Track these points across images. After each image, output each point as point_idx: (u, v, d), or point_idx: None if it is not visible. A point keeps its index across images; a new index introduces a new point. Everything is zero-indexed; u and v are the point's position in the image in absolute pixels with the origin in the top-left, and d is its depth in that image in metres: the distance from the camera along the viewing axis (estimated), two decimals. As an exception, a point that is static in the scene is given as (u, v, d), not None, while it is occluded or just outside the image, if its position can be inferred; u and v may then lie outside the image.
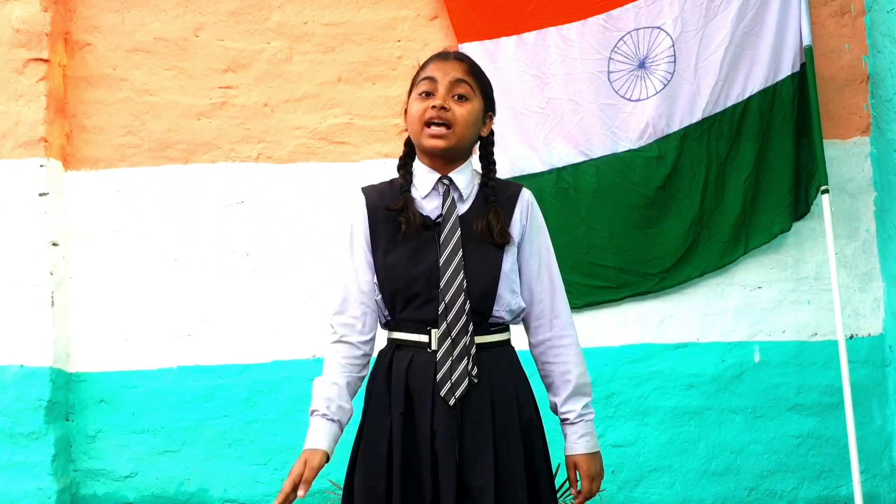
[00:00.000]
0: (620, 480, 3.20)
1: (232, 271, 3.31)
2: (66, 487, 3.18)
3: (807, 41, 3.10)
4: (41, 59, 3.24)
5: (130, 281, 3.30)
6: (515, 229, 1.76)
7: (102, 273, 3.30)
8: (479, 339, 1.69)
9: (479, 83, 1.77)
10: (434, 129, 1.71)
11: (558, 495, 2.14)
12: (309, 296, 3.28)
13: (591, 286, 3.18)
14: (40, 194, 3.22)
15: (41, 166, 3.22)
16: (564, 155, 3.23)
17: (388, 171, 1.88)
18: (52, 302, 3.19)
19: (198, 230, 3.32)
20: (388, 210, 1.72)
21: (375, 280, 1.75)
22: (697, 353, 3.24)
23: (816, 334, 3.24)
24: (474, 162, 1.84)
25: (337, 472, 3.20)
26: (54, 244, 3.24)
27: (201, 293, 3.29)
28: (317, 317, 3.26)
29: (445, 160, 1.76)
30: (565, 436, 1.78)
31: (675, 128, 3.19)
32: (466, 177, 1.78)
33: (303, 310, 3.28)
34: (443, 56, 1.78)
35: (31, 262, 3.19)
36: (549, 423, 1.81)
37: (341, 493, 3.03)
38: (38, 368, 3.14)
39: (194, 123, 3.36)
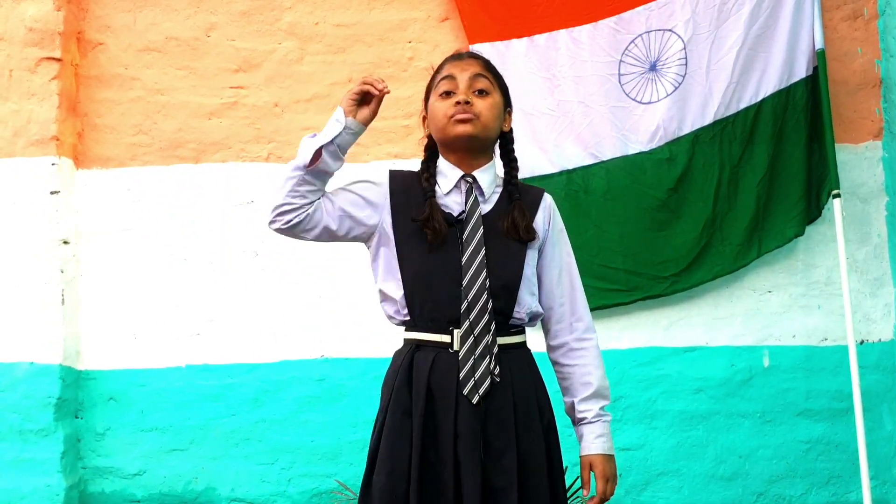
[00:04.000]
0: (628, 484, 3.19)
1: (241, 271, 3.31)
2: (75, 484, 3.19)
3: (819, 45, 3.09)
4: (54, 58, 3.26)
5: (140, 279, 3.31)
6: (539, 232, 1.78)
7: (112, 271, 3.32)
8: (501, 341, 1.69)
9: (496, 78, 1.80)
10: (461, 116, 1.71)
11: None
12: (318, 296, 3.29)
13: (601, 289, 3.17)
14: (51, 192, 3.24)
15: (53, 165, 3.24)
16: (574, 157, 3.23)
17: (397, 172, 1.88)
18: (63, 300, 3.20)
19: (207, 229, 3.33)
20: (414, 221, 1.71)
21: (398, 281, 1.72)
22: (706, 357, 3.23)
23: (826, 339, 3.23)
24: (497, 164, 1.84)
25: (344, 472, 3.22)
26: (65, 242, 3.25)
27: (210, 292, 3.30)
28: (325, 317, 3.27)
29: (471, 154, 1.77)
30: (581, 436, 1.77)
31: (687, 130, 3.18)
32: (489, 177, 1.79)
33: (311, 310, 3.28)
34: (457, 56, 1.81)
35: (42, 260, 3.21)
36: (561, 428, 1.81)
37: (348, 493, 3.04)
38: (48, 366, 3.15)
39: (205, 123, 3.37)
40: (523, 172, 3.17)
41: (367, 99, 1.74)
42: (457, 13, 3.32)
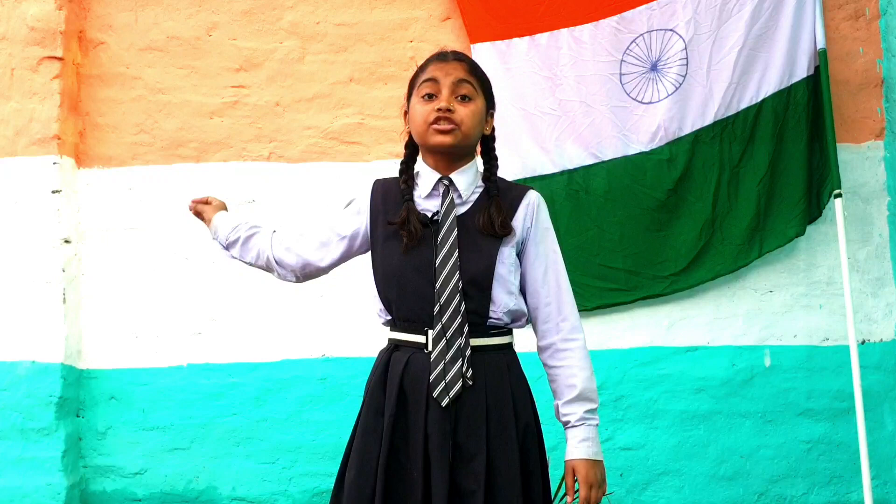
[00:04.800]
0: (629, 484, 3.19)
1: (242, 270, 3.28)
2: (76, 483, 3.19)
3: (821, 44, 3.09)
4: (55, 58, 3.26)
5: (141, 278, 3.31)
6: (518, 228, 1.75)
7: (114, 270, 3.32)
8: (477, 342, 1.68)
9: (480, 82, 1.77)
10: (441, 125, 1.71)
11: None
12: (319, 295, 3.29)
13: (601, 288, 3.18)
14: (53, 192, 3.24)
15: (54, 164, 3.24)
16: (576, 157, 3.23)
17: (398, 171, 1.88)
18: (64, 299, 3.20)
19: (209, 229, 3.33)
20: (391, 224, 1.73)
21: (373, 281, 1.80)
22: (707, 356, 3.23)
23: (828, 339, 3.23)
24: (479, 163, 1.84)
25: (345, 471, 3.20)
26: (66, 241, 3.25)
27: (212, 291, 3.30)
28: (327, 316, 3.27)
29: (450, 159, 1.76)
30: (567, 440, 1.74)
31: (687, 131, 3.18)
32: (468, 178, 1.78)
33: (312, 309, 3.28)
34: (442, 57, 1.78)
35: (44, 259, 3.21)
36: (552, 432, 1.80)
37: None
38: (50, 365, 3.15)
39: (206, 122, 3.37)
40: (524, 172, 3.22)
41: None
42: (458, 12, 3.32)
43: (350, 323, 3.26)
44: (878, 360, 3.21)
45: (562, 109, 3.23)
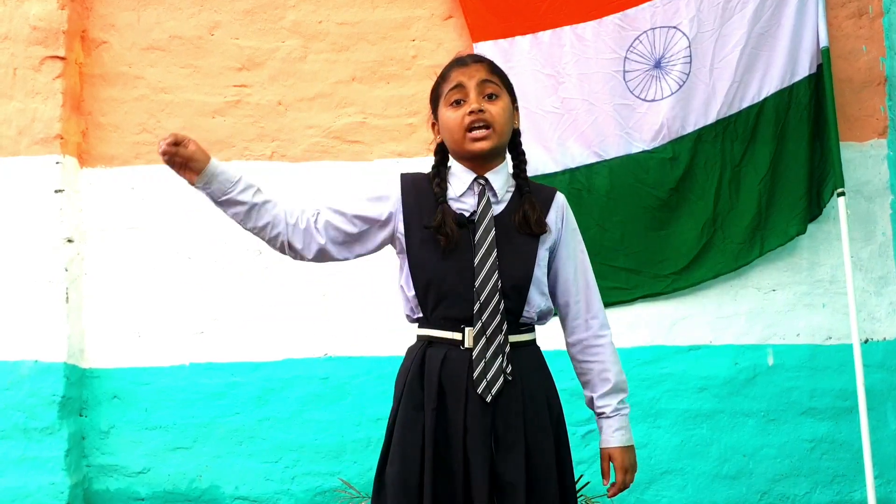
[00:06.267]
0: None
1: (245, 269, 3.32)
2: (79, 482, 3.20)
3: (824, 42, 3.08)
4: (58, 57, 3.26)
5: (144, 278, 3.32)
6: (552, 230, 1.80)
7: (117, 270, 3.32)
8: (511, 339, 1.72)
9: (502, 79, 1.81)
10: (476, 133, 1.73)
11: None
12: (321, 294, 3.29)
13: (602, 287, 3.15)
14: (56, 191, 3.24)
15: (57, 163, 3.24)
16: (578, 155, 3.22)
17: (401, 170, 1.88)
18: (67, 298, 3.21)
19: (211, 228, 3.33)
20: (427, 228, 1.73)
21: (408, 275, 1.77)
22: (710, 355, 3.22)
23: (831, 338, 3.22)
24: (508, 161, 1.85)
25: (347, 470, 3.22)
26: (69, 241, 3.26)
27: (214, 291, 3.31)
28: (329, 316, 3.27)
29: (485, 160, 1.78)
30: (601, 429, 1.82)
31: (690, 129, 3.17)
32: (502, 177, 1.81)
33: (315, 308, 3.28)
34: (461, 62, 1.80)
35: (46, 259, 3.21)
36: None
37: (352, 491, 3.05)
38: (53, 364, 3.16)
39: (209, 121, 3.37)
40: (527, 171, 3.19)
41: (178, 163, 1.79)
42: (460, 11, 3.32)
43: (352, 322, 3.26)
44: (882, 358, 3.20)
45: (564, 108, 3.23)
